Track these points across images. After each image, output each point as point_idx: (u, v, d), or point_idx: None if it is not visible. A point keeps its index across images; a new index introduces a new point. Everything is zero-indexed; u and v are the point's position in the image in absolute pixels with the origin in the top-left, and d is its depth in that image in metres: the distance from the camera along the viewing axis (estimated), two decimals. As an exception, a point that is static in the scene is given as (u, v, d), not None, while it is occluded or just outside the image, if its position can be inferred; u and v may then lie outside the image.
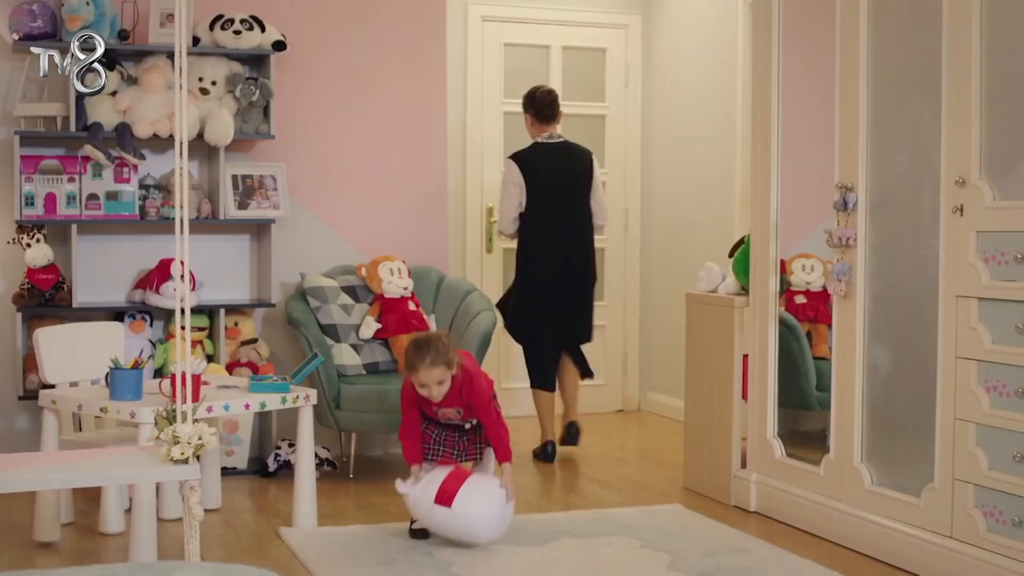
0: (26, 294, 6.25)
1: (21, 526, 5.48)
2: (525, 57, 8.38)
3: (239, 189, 6.56)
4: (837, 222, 5.21)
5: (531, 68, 8.38)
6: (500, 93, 8.28)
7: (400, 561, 4.90)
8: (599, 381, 8.56)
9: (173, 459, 4.02)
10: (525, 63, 8.38)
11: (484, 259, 8.28)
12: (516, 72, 8.33)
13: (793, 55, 5.69)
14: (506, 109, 8.20)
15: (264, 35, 6.51)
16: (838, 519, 5.24)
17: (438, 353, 5.03)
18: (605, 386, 8.63)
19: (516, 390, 8.18)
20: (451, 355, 5.07)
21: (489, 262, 8.29)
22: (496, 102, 8.29)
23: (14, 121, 6.33)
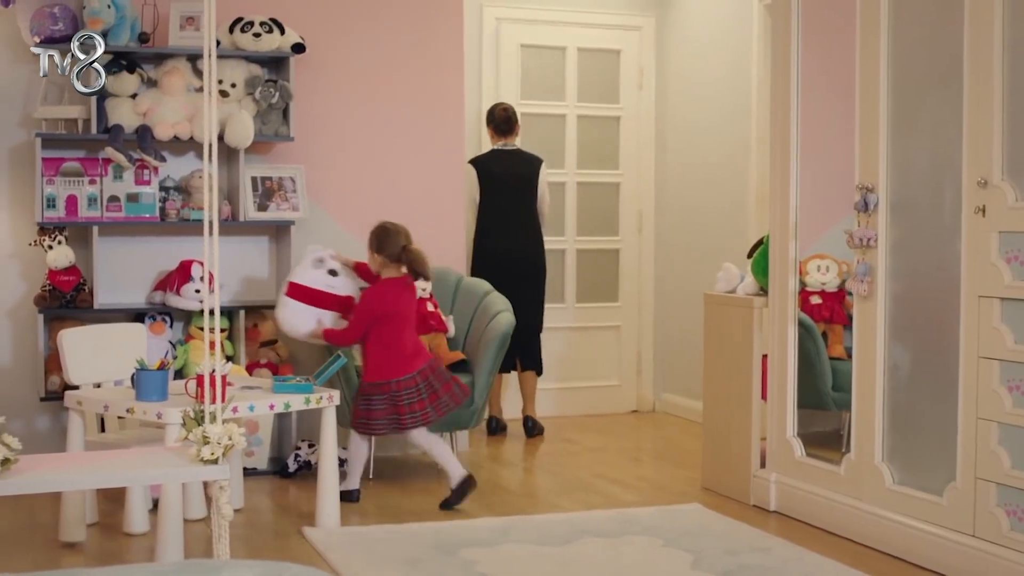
0: (48, 296, 6.27)
1: (45, 526, 5.51)
2: (541, 59, 8.41)
3: (258, 191, 6.59)
4: (858, 223, 5.23)
5: (547, 69, 8.41)
6: (516, 94, 8.30)
7: (424, 560, 4.93)
8: (613, 382, 8.60)
9: (203, 459, 4.05)
10: (541, 64, 8.41)
11: None
12: (532, 73, 8.36)
13: (810, 54, 5.72)
14: (522, 111, 8.21)
15: (283, 38, 6.54)
16: (859, 518, 5.26)
17: (375, 229, 6.00)
18: (619, 387, 8.65)
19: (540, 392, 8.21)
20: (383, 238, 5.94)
21: None
22: (513, 103, 8.27)
23: (35, 123, 6.37)
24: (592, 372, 8.58)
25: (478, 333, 6.71)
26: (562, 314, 8.48)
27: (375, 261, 5.99)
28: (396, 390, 5.86)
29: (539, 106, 8.40)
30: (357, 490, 6.04)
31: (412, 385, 5.88)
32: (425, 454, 6.25)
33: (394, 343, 5.91)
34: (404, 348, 5.93)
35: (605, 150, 8.59)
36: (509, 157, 7.80)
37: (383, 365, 5.90)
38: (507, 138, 7.81)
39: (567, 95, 8.45)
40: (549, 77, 8.44)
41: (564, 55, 8.45)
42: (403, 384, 5.88)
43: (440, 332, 6.73)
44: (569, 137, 8.48)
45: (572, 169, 8.48)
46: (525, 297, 7.55)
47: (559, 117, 8.46)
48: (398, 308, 5.93)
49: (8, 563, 4.82)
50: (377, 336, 5.91)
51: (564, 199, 8.47)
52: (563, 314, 8.49)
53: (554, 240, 8.33)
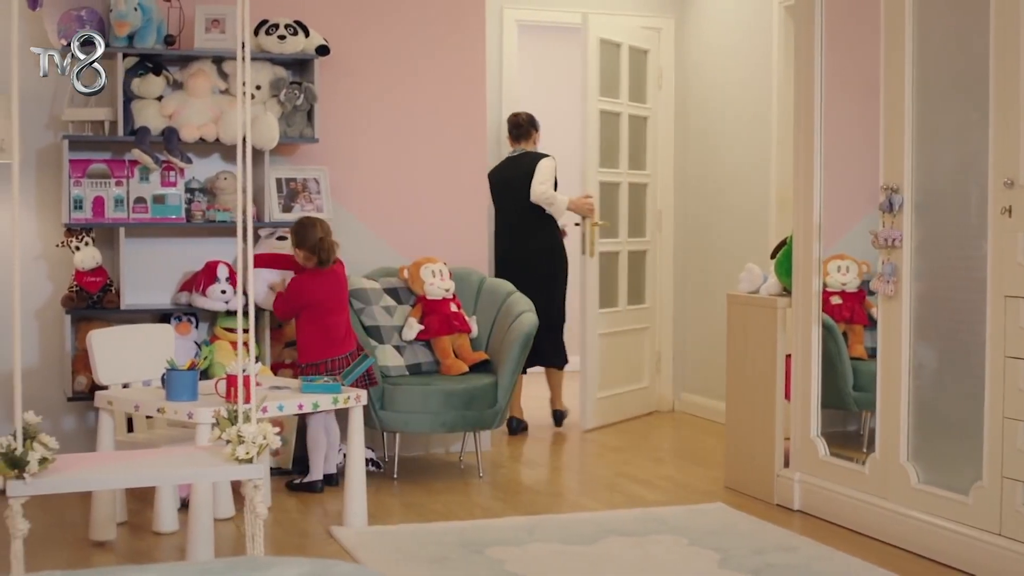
0: (75, 296, 6.32)
1: (75, 525, 5.56)
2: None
3: (283, 192, 6.63)
4: (882, 223, 5.26)
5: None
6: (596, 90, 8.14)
7: (452, 559, 4.96)
8: (642, 384, 8.57)
9: (238, 458, 4.09)
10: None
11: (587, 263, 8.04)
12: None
13: (832, 54, 5.74)
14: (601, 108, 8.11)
15: (308, 40, 6.58)
16: (884, 517, 5.28)
17: (295, 225, 6.26)
18: (646, 388, 8.65)
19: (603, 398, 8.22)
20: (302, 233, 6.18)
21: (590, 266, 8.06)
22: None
23: (62, 125, 6.41)
24: (626, 376, 8.41)
25: (501, 333, 6.75)
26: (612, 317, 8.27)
27: (299, 255, 6.27)
28: (330, 369, 6.12)
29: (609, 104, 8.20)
30: (319, 481, 6.25)
31: (345, 364, 6.14)
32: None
33: (326, 326, 6.23)
34: (336, 330, 6.26)
35: (636, 150, 8.51)
36: (513, 162, 8.01)
37: (315, 346, 6.23)
38: (519, 143, 8.05)
39: (621, 93, 8.30)
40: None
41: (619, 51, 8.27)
42: (336, 364, 6.15)
43: (463, 332, 6.76)
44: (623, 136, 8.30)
45: (625, 169, 8.37)
46: (533, 296, 7.50)
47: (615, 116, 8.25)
48: (324, 296, 6.25)
49: (40, 562, 4.86)
50: (309, 320, 6.25)
51: (618, 200, 8.32)
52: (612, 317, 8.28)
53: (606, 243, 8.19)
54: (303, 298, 6.24)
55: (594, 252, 8.00)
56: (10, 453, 3.86)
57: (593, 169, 8.01)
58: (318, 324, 6.23)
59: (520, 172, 7.93)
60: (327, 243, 6.24)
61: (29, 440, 3.90)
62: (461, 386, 6.44)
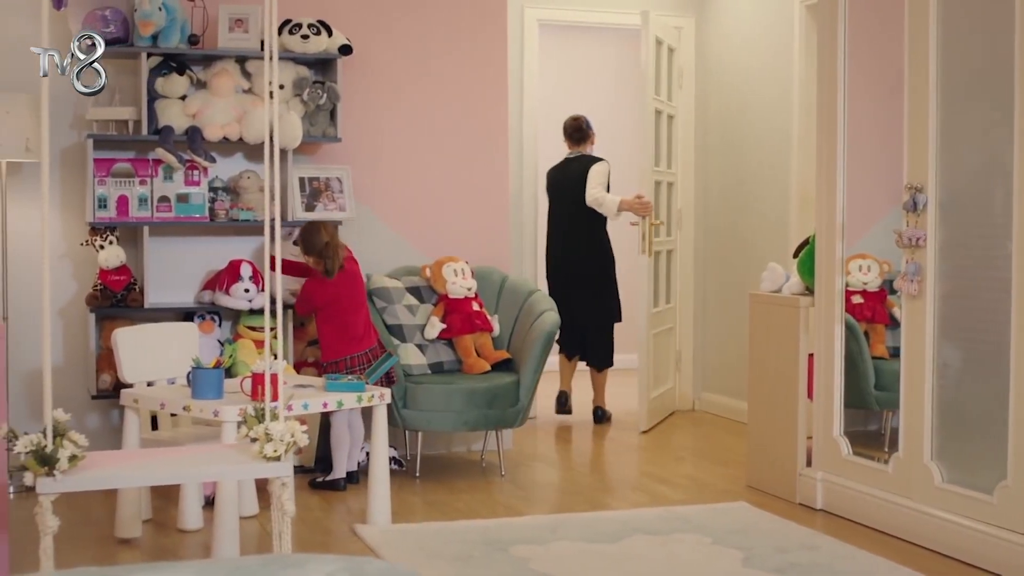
0: (99, 295, 6.34)
1: (100, 523, 5.59)
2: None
3: (306, 191, 6.65)
4: (906, 222, 5.26)
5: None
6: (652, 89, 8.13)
7: (477, 557, 4.98)
8: (667, 385, 8.56)
9: (266, 456, 4.11)
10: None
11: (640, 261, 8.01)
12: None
13: (854, 53, 5.74)
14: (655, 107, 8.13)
15: (331, 40, 6.60)
16: (907, 516, 5.29)
17: (302, 231, 6.31)
18: (670, 388, 8.64)
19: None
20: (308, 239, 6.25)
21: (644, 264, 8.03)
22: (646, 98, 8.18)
23: (87, 125, 6.44)
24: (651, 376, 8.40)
25: (523, 332, 6.76)
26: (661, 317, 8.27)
27: (309, 261, 6.35)
28: (351, 366, 6.18)
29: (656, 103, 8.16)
30: (342, 479, 6.28)
31: (366, 361, 6.20)
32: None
33: (344, 325, 6.29)
34: (354, 328, 6.31)
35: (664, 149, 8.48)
36: (569, 164, 8.26)
37: (335, 344, 6.28)
38: (577, 147, 8.31)
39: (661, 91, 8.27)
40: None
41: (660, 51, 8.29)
42: (357, 360, 6.21)
43: (485, 331, 6.78)
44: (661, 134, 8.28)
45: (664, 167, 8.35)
46: (580, 296, 7.94)
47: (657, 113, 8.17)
48: (339, 296, 6.29)
49: (67, 558, 4.88)
50: (326, 319, 6.32)
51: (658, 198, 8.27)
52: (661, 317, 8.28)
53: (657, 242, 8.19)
54: (316, 300, 6.30)
55: (651, 252, 8.02)
56: (40, 450, 3.89)
57: (649, 168, 8.01)
58: (336, 323, 6.28)
59: (574, 176, 8.17)
60: (332, 248, 6.26)
61: (59, 438, 3.93)
62: (483, 385, 6.46)
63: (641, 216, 7.89)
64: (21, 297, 6.34)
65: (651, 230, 7.97)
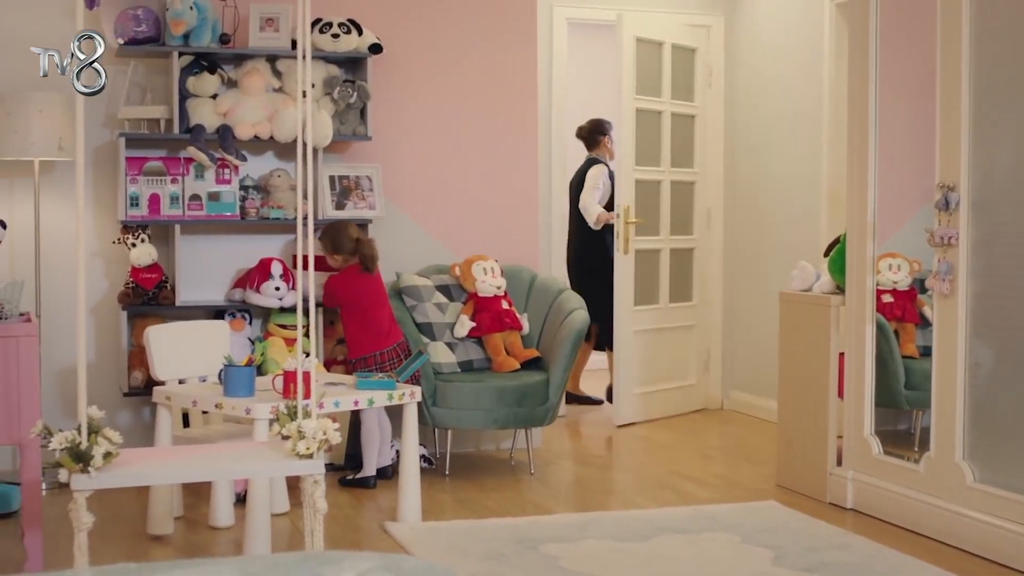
0: (130, 293, 6.38)
1: (132, 519, 5.61)
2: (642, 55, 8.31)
3: (336, 190, 6.67)
4: (938, 221, 5.24)
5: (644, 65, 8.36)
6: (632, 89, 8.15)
7: (507, 555, 4.99)
8: (689, 381, 8.59)
9: (299, 454, 4.13)
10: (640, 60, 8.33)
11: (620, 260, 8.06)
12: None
13: (886, 51, 5.72)
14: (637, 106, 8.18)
15: (361, 39, 6.61)
16: (939, 516, 5.27)
17: (326, 233, 6.35)
18: (693, 386, 8.65)
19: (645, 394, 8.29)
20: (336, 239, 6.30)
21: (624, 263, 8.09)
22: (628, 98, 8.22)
23: (119, 124, 6.48)
24: (672, 373, 8.45)
25: (552, 331, 6.77)
26: (655, 315, 8.32)
27: (336, 260, 6.39)
28: (380, 362, 6.23)
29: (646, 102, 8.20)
30: (373, 477, 6.30)
31: (394, 357, 6.27)
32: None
33: (368, 322, 6.33)
34: (379, 324, 6.36)
35: (682, 148, 8.53)
36: (581, 167, 8.73)
37: (362, 341, 6.33)
38: (590, 150, 8.78)
39: (663, 92, 8.33)
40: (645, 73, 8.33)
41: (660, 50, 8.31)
42: (385, 357, 6.26)
43: (515, 329, 6.79)
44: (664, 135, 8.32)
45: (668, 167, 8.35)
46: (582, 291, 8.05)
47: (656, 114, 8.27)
48: (361, 294, 6.35)
49: (99, 555, 4.91)
50: (351, 316, 6.37)
51: (659, 198, 8.34)
52: (656, 315, 8.33)
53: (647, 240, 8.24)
54: (339, 296, 6.35)
55: (628, 250, 8.02)
56: (75, 447, 3.92)
57: (629, 167, 8.03)
58: (360, 320, 6.33)
59: (577, 179, 8.68)
60: (366, 244, 6.36)
61: (93, 435, 3.95)
62: (513, 383, 6.46)
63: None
64: (53, 295, 6.39)
65: (626, 229, 8.00)
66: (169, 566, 2.46)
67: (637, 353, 8.12)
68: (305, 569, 2.41)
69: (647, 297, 8.26)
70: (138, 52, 6.41)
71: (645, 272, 8.22)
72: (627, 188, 8.01)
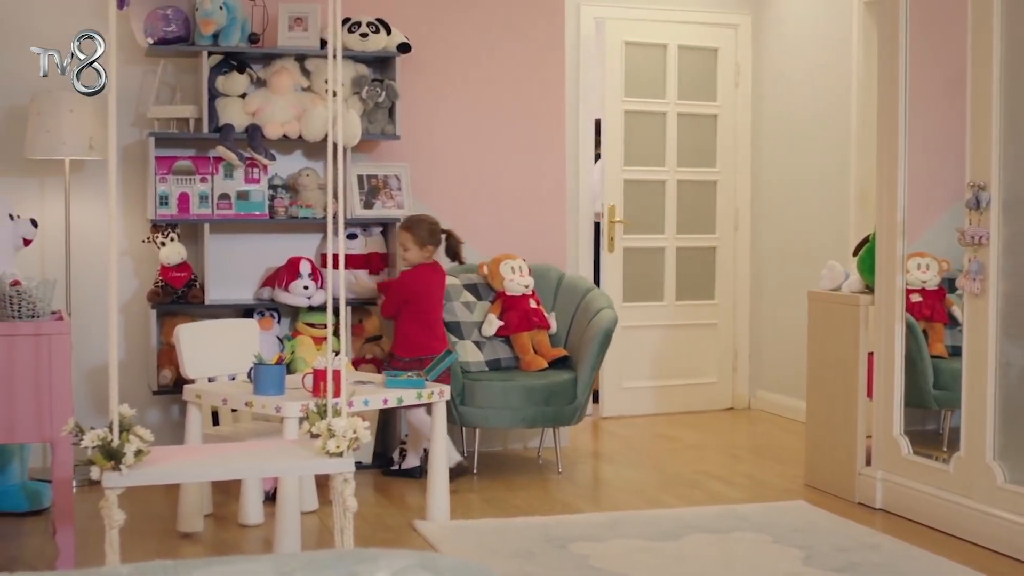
0: (160, 291, 6.40)
1: (161, 517, 5.64)
2: (641, 57, 8.41)
3: (364, 189, 6.68)
4: (969, 220, 5.22)
5: (646, 67, 8.42)
6: (620, 92, 8.33)
7: (537, 554, 4.99)
8: (711, 379, 8.61)
9: (329, 452, 4.14)
10: (640, 63, 8.41)
11: (606, 258, 8.35)
12: (631, 72, 8.39)
13: (916, 49, 5.70)
14: (625, 107, 8.34)
15: (390, 38, 6.62)
16: (969, 517, 5.25)
17: (407, 225, 6.34)
18: (715, 384, 8.67)
19: (636, 390, 8.34)
20: (419, 230, 6.29)
21: (610, 261, 8.34)
22: (617, 101, 8.32)
23: (148, 123, 6.50)
24: (690, 369, 8.59)
25: (580, 330, 6.77)
26: (662, 312, 8.51)
27: (421, 253, 6.35)
28: (424, 365, 6.10)
29: (640, 103, 8.40)
30: (419, 467, 6.36)
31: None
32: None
33: (429, 321, 6.34)
34: (439, 327, 6.41)
35: (703, 148, 8.59)
36: None
37: (420, 341, 6.29)
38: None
39: (668, 93, 8.46)
40: (648, 75, 8.45)
41: (665, 52, 8.44)
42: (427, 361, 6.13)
43: (542, 328, 6.79)
44: (669, 135, 8.48)
45: (672, 167, 8.49)
46: None
47: (659, 115, 8.46)
48: (431, 289, 6.40)
49: (130, 552, 4.93)
50: (413, 315, 6.33)
51: (664, 197, 8.49)
52: (663, 312, 8.52)
53: (653, 238, 8.45)
54: (410, 292, 6.33)
55: (613, 248, 8.28)
56: (107, 445, 3.94)
57: (617, 168, 8.34)
58: (423, 320, 6.32)
59: None
60: (454, 235, 6.51)
61: (124, 432, 3.97)
62: (541, 382, 6.47)
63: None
64: (83, 293, 6.42)
65: (611, 227, 8.23)
66: (205, 563, 2.47)
67: (630, 349, 8.30)
68: (341, 567, 2.41)
69: (647, 294, 8.47)
70: (167, 52, 6.43)
71: (645, 270, 8.45)
72: (614, 188, 8.31)
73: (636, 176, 8.41)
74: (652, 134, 8.46)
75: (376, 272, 6.77)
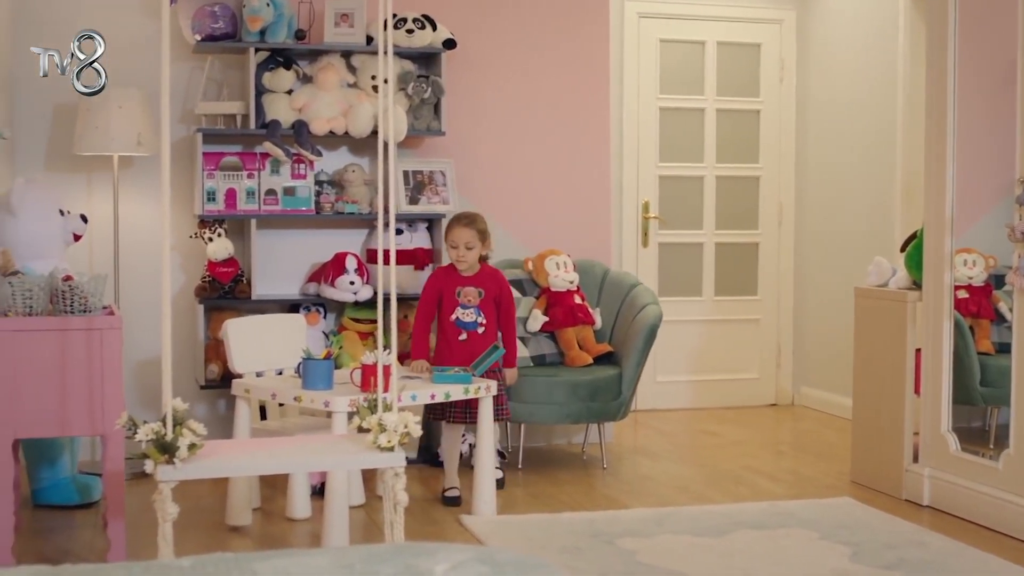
0: (207, 287, 6.44)
1: (209, 510, 5.67)
2: (681, 53, 8.44)
3: (410, 184, 6.70)
4: (1019, 216, 5.20)
5: (687, 64, 8.44)
6: (656, 89, 8.36)
7: (584, 549, 5.00)
8: (752, 375, 8.61)
9: (380, 447, 4.16)
10: (681, 59, 8.44)
11: (640, 253, 8.36)
12: (672, 68, 8.40)
13: (964, 44, 5.67)
14: (662, 104, 8.34)
15: (435, 34, 6.64)
16: (1019, 514, 5.22)
17: (473, 221, 6.01)
18: (758, 380, 8.66)
19: (670, 383, 8.37)
20: (485, 228, 6.03)
21: (645, 256, 8.36)
22: (652, 98, 8.37)
23: (196, 119, 6.54)
24: (730, 365, 8.62)
25: (625, 325, 6.77)
26: (700, 307, 8.55)
27: (483, 249, 6.12)
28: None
29: (679, 100, 8.44)
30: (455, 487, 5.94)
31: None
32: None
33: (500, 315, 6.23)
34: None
35: (744, 144, 8.60)
36: None
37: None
38: None
39: (706, 89, 8.49)
40: (689, 71, 8.47)
41: (704, 49, 8.48)
42: None
43: (587, 324, 6.79)
44: (708, 131, 8.52)
45: (711, 163, 8.52)
46: None
47: (698, 111, 8.49)
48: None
49: (179, 546, 4.96)
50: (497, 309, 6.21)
51: (703, 193, 8.51)
52: (701, 307, 8.56)
53: (692, 234, 8.52)
54: (508, 287, 6.26)
55: (648, 243, 8.36)
56: (160, 439, 3.97)
57: (651, 164, 8.40)
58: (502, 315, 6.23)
59: None
60: None
61: (178, 426, 4.00)
62: (586, 378, 6.47)
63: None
64: (131, 288, 6.47)
65: (643, 223, 8.33)
66: (264, 556, 2.48)
67: (666, 343, 8.28)
68: (399, 561, 2.43)
69: (684, 290, 8.53)
70: (215, 48, 6.47)
71: (682, 266, 8.51)
72: (648, 184, 8.35)
73: (672, 172, 8.44)
74: (690, 130, 8.46)
75: (421, 268, 6.78)
